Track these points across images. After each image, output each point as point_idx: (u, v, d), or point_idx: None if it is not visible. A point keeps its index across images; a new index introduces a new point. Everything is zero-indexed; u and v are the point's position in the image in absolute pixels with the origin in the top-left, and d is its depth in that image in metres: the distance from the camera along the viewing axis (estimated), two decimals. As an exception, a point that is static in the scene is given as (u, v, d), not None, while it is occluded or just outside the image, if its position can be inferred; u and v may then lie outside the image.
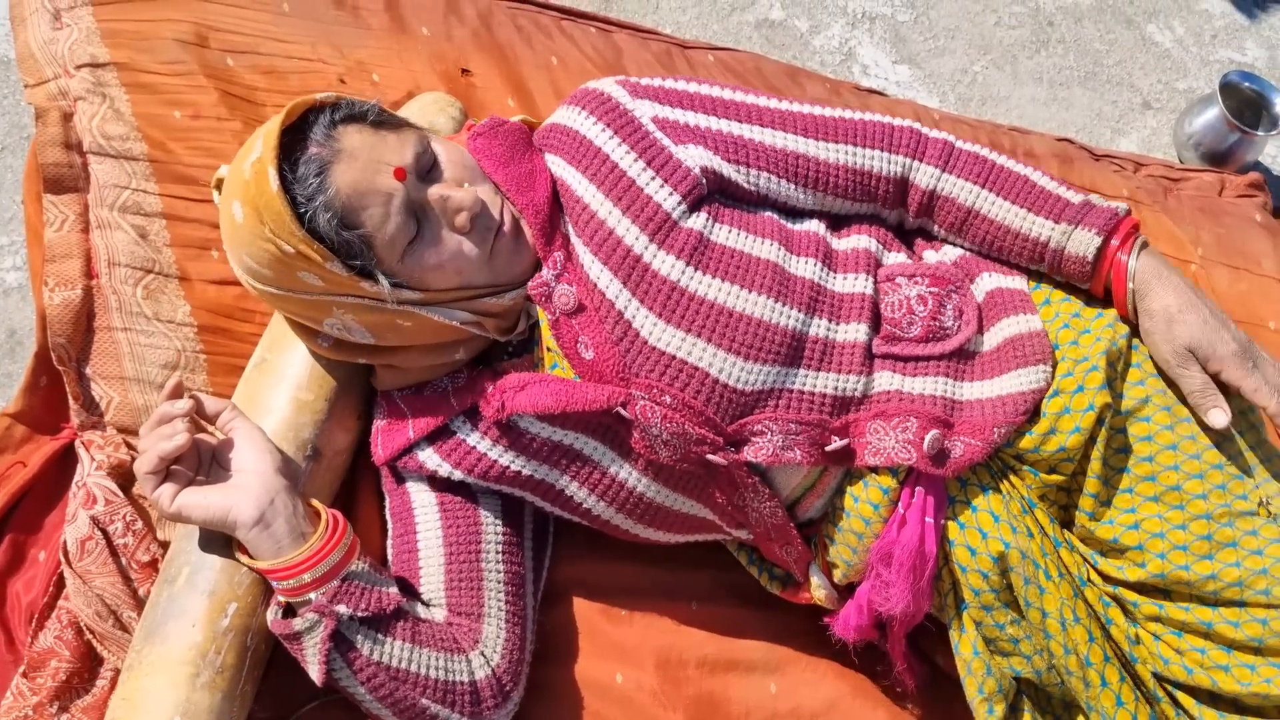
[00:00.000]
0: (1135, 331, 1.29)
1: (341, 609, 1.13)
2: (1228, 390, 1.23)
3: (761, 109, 1.30)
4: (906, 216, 1.36)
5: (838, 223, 1.35)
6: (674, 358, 1.20)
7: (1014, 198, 1.29)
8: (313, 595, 1.13)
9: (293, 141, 1.11)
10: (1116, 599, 1.28)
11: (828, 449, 1.23)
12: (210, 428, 1.22)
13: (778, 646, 1.46)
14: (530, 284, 1.22)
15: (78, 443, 1.34)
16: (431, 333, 1.21)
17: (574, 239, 1.24)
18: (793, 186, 1.30)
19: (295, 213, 1.08)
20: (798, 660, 1.45)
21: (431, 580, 1.27)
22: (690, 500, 1.30)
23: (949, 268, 1.31)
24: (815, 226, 1.31)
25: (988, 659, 1.27)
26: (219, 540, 1.19)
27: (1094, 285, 1.29)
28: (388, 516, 1.33)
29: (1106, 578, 1.29)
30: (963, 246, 1.36)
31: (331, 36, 1.60)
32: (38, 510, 1.35)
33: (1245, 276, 1.82)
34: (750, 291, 1.21)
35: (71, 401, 1.34)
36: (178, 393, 1.17)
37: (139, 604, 1.27)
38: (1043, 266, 1.31)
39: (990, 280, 1.33)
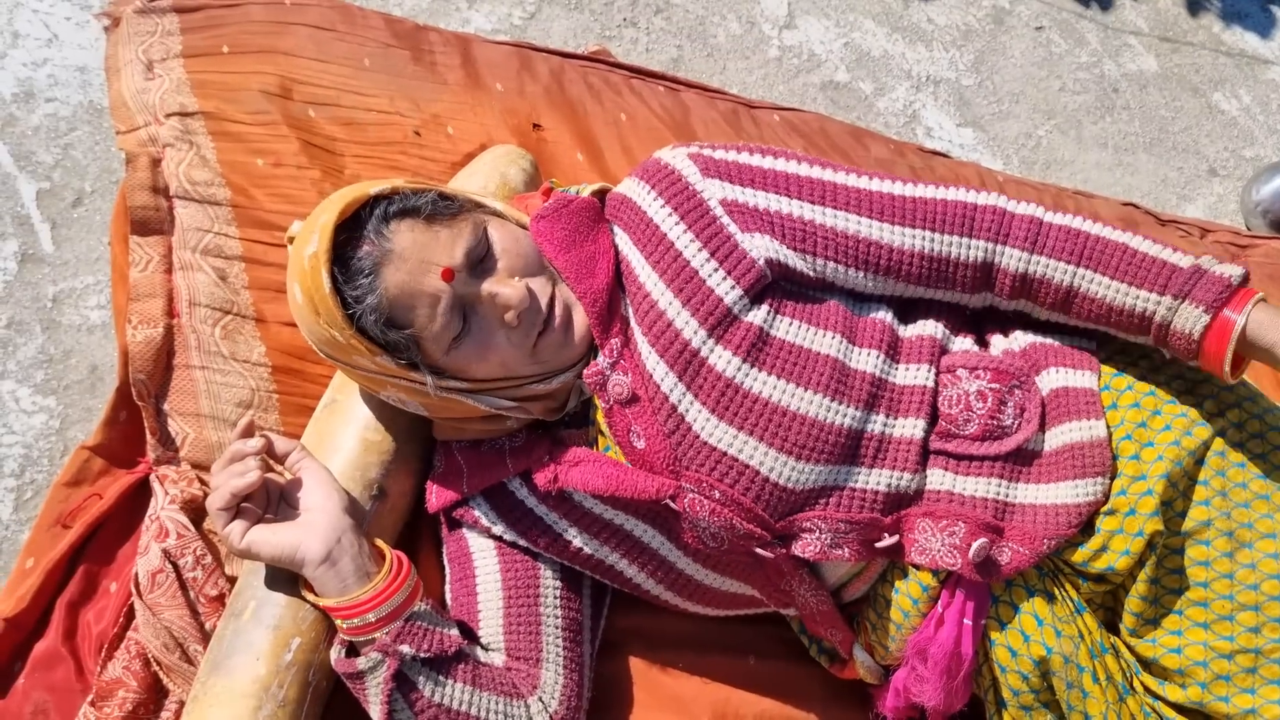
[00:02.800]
0: (1208, 426, 1.21)
1: (405, 649, 1.14)
2: None
3: (835, 187, 1.23)
4: (998, 301, 1.28)
5: (908, 306, 1.29)
6: (725, 454, 1.18)
7: (1114, 272, 1.19)
8: (376, 635, 1.15)
9: (348, 236, 1.11)
10: (1157, 712, 1.25)
11: (878, 545, 1.22)
12: (279, 467, 1.24)
13: (836, 706, 1.44)
14: (586, 372, 1.21)
15: (153, 477, 1.37)
16: (480, 411, 1.22)
17: (633, 324, 1.22)
18: (861, 274, 1.23)
19: (346, 313, 1.11)
20: (857, 717, 1.43)
21: (490, 624, 1.27)
22: (738, 582, 1.31)
23: (1014, 359, 1.26)
24: (883, 314, 1.26)
25: None
26: (285, 578, 1.21)
27: (1203, 362, 1.18)
28: (445, 561, 1.34)
29: (1148, 689, 1.26)
30: (1061, 322, 1.28)
31: (409, 91, 1.64)
32: (112, 542, 1.38)
33: (1316, 345, 1.79)
34: (806, 390, 1.18)
35: (149, 436, 1.37)
36: (249, 432, 1.20)
37: (205, 638, 1.29)
38: (1148, 340, 1.22)
39: (1058, 376, 1.27)
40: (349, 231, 1.11)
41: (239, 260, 1.46)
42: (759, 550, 1.21)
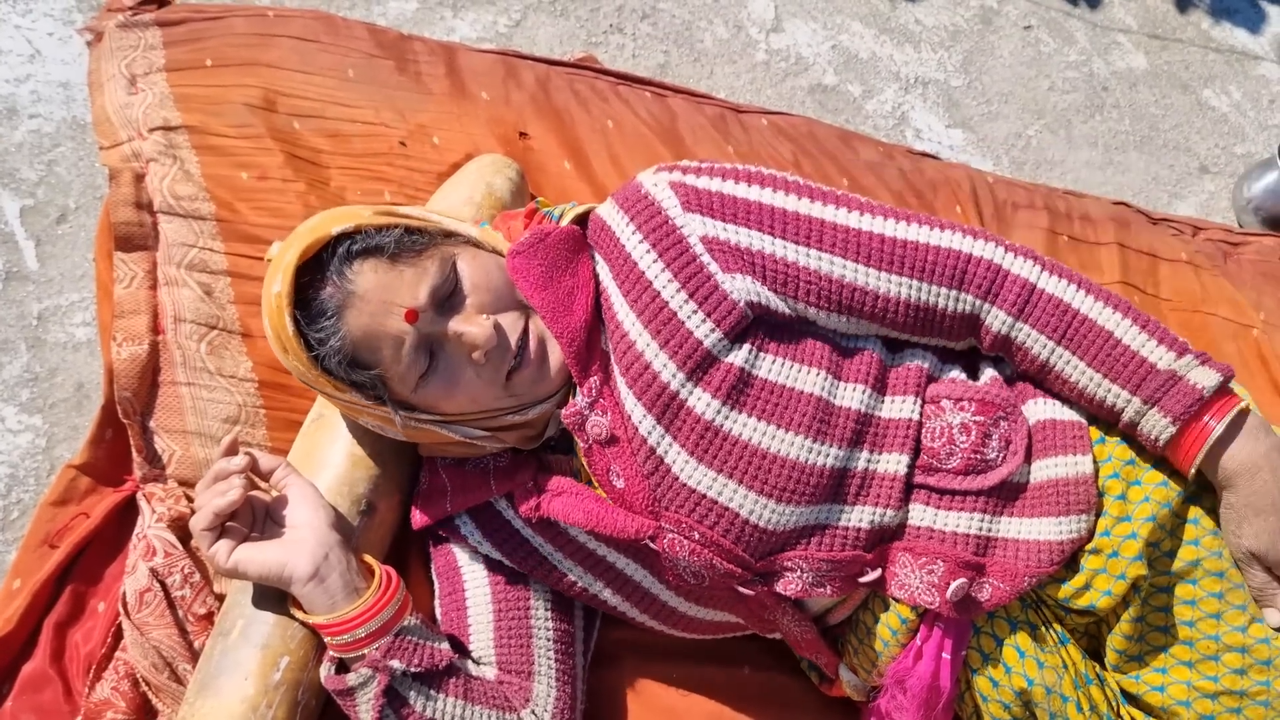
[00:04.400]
0: (1199, 485, 1.21)
1: (395, 664, 1.14)
2: None
3: (823, 226, 1.18)
4: (979, 347, 1.26)
5: (895, 342, 1.27)
6: (704, 496, 1.16)
7: (1091, 359, 1.17)
8: (366, 651, 1.14)
9: (311, 277, 1.10)
10: None
11: (861, 580, 1.21)
12: (264, 485, 1.24)
13: (830, 716, 1.43)
14: (564, 412, 1.19)
15: (139, 495, 1.36)
16: (455, 439, 1.21)
17: (613, 361, 1.19)
18: (844, 319, 1.20)
19: (309, 354, 1.10)
20: (851, 727, 1.43)
21: (481, 638, 1.27)
22: (722, 613, 1.30)
23: (1000, 390, 1.23)
24: (870, 346, 1.22)
25: None
26: (273, 596, 1.20)
27: (1171, 458, 1.19)
28: (434, 575, 1.33)
29: None
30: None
31: (394, 101, 1.63)
32: (99, 561, 1.37)
33: (1309, 342, 1.79)
34: (788, 432, 1.15)
35: (135, 454, 1.37)
36: (233, 450, 1.19)
37: (194, 656, 1.28)
38: (1117, 430, 1.22)
39: (1045, 408, 1.25)
40: (312, 273, 1.10)
41: (224, 275, 1.45)
42: (740, 588, 1.21)
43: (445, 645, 1.19)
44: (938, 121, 2.15)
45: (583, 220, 1.28)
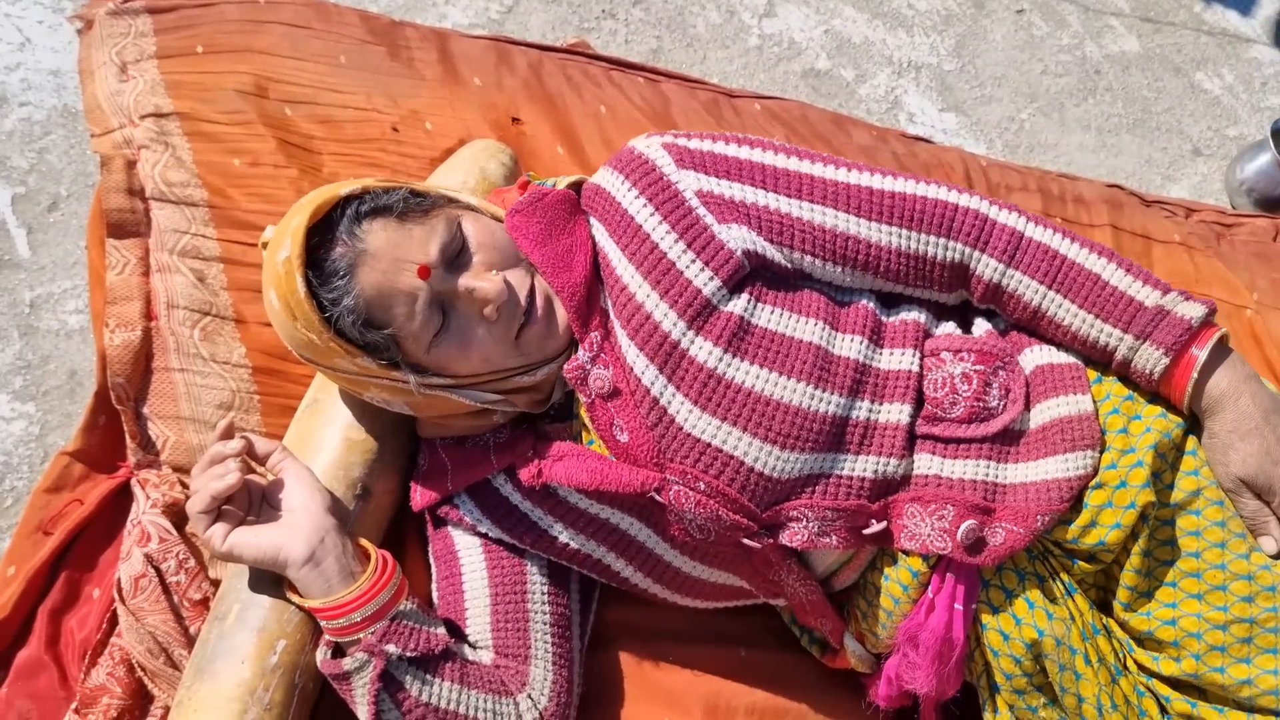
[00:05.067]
0: (1194, 419, 1.24)
1: (391, 648, 1.14)
2: None
3: (813, 180, 1.22)
4: (970, 299, 1.29)
5: (890, 296, 1.29)
6: (709, 445, 1.17)
7: (1082, 301, 1.21)
8: (362, 635, 1.14)
9: (321, 239, 1.10)
10: (1151, 690, 1.25)
11: (866, 532, 1.21)
12: (260, 469, 1.23)
13: (827, 696, 1.43)
14: (566, 367, 1.20)
15: (133, 481, 1.36)
16: (465, 406, 1.21)
17: (613, 317, 1.21)
18: (838, 269, 1.23)
19: (322, 316, 1.10)
20: (847, 710, 1.42)
21: (477, 622, 1.27)
22: (726, 573, 1.30)
23: (997, 341, 1.26)
24: (865, 300, 1.25)
25: None
26: (269, 580, 1.20)
27: (1164, 392, 1.23)
28: (431, 559, 1.33)
29: (1142, 667, 1.26)
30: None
31: (386, 87, 1.63)
32: (94, 547, 1.37)
33: (1302, 322, 1.79)
34: (789, 378, 1.17)
35: (129, 440, 1.36)
36: (229, 434, 1.19)
37: (190, 642, 1.28)
38: (1110, 369, 1.26)
39: (1041, 354, 1.27)
40: (321, 234, 1.10)
41: (217, 261, 1.44)
42: (746, 541, 1.21)
43: (442, 630, 1.19)
44: (931, 105, 2.15)
45: (577, 189, 1.30)
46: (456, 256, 1.14)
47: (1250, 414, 1.18)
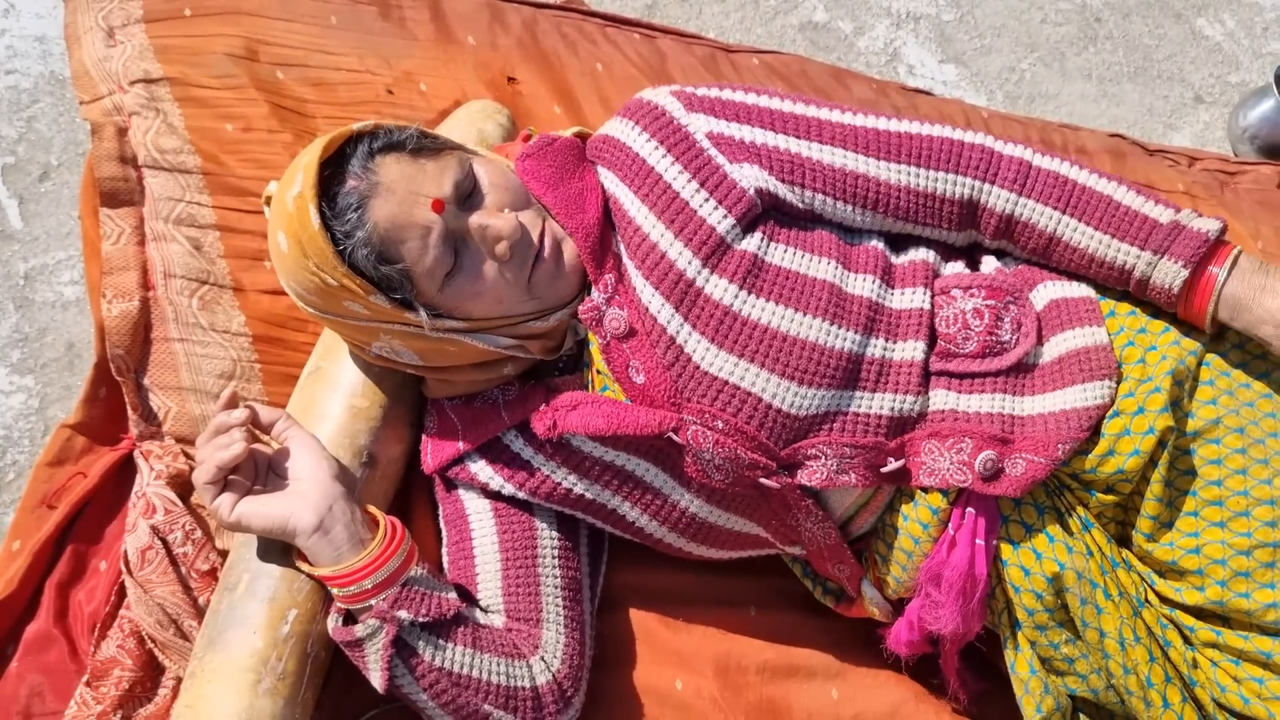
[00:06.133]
0: (1209, 346, 1.25)
1: (403, 614, 1.13)
2: None
3: (821, 123, 1.25)
4: (981, 238, 1.30)
5: (900, 236, 1.30)
6: (726, 382, 1.18)
7: (1097, 223, 1.23)
8: (373, 601, 1.13)
9: (332, 174, 1.11)
10: (1174, 621, 1.26)
11: (883, 470, 1.22)
12: (265, 438, 1.22)
13: (839, 652, 1.44)
14: (581, 308, 1.21)
15: (136, 453, 1.35)
16: (477, 354, 1.21)
17: (625, 260, 1.22)
18: (849, 208, 1.25)
19: (336, 249, 1.09)
20: (859, 666, 1.43)
21: (489, 587, 1.26)
22: (743, 519, 1.29)
23: (1007, 277, 1.27)
24: (875, 242, 1.27)
25: (1045, 678, 1.25)
26: (278, 549, 1.20)
27: (1182, 312, 1.24)
28: (441, 524, 1.33)
29: (1164, 599, 1.26)
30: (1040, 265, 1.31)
31: (379, 48, 1.61)
32: (99, 520, 1.36)
33: (1307, 269, 1.78)
34: (805, 314, 1.19)
35: (130, 412, 1.35)
36: (233, 403, 1.18)
37: (199, 612, 1.28)
38: (1128, 289, 1.26)
39: (1053, 289, 1.28)
40: (334, 169, 1.11)
41: (213, 229, 1.43)
42: (764, 481, 1.21)
43: (453, 595, 1.19)
44: (930, 57, 2.13)
45: (580, 139, 1.32)
46: (469, 196, 1.15)
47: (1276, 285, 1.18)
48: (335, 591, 1.15)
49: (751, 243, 1.20)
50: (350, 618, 1.16)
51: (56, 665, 1.29)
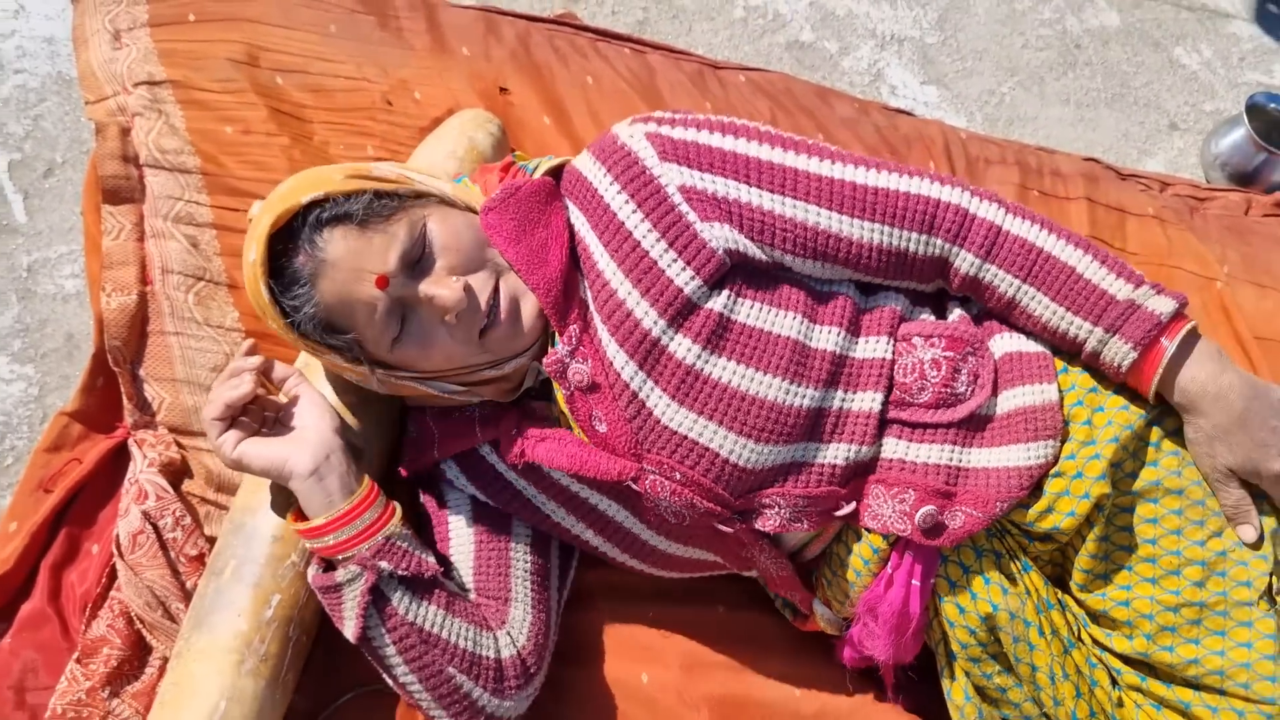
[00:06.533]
0: (1157, 409, 1.26)
1: (383, 565, 1.18)
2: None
3: (797, 174, 1.22)
4: (949, 288, 1.30)
5: (869, 284, 1.30)
6: (685, 437, 1.20)
7: (1055, 294, 1.23)
8: (355, 550, 1.17)
9: (284, 245, 1.13)
10: (1103, 662, 1.30)
11: (836, 514, 1.25)
12: (276, 390, 1.26)
13: (804, 652, 1.48)
14: (545, 361, 1.21)
15: (131, 441, 1.40)
16: (432, 397, 1.25)
17: (592, 309, 1.22)
18: (820, 264, 1.24)
19: (285, 320, 1.14)
20: (823, 664, 1.47)
21: (461, 567, 1.31)
22: (700, 550, 1.34)
23: (968, 327, 1.28)
24: (844, 289, 1.26)
25: (979, 705, 1.30)
26: (280, 502, 1.24)
27: (1130, 380, 1.25)
28: (422, 512, 1.36)
29: (1095, 640, 1.30)
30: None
31: (376, 56, 1.65)
32: (92, 505, 1.41)
33: (1271, 294, 1.82)
34: (766, 374, 1.19)
35: (125, 401, 1.40)
36: (253, 351, 1.22)
37: (186, 596, 1.32)
38: (1080, 360, 1.27)
39: (1010, 341, 1.29)
40: (285, 241, 1.13)
41: (210, 227, 1.47)
42: (720, 526, 1.25)
43: (433, 559, 1.23)
44: (913, 78, 2.18)
45: (557, 172, 1.31)
46: (418, 260, 1.15)
47: (1232, 405, 1.20)
48: (320, 541, 1.18)
49: (718, 301, 1.19)
50: (330, 568, 1.20)
51: (49, 642, 1.33)
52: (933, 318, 1.31)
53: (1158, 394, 1.23)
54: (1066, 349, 1.27)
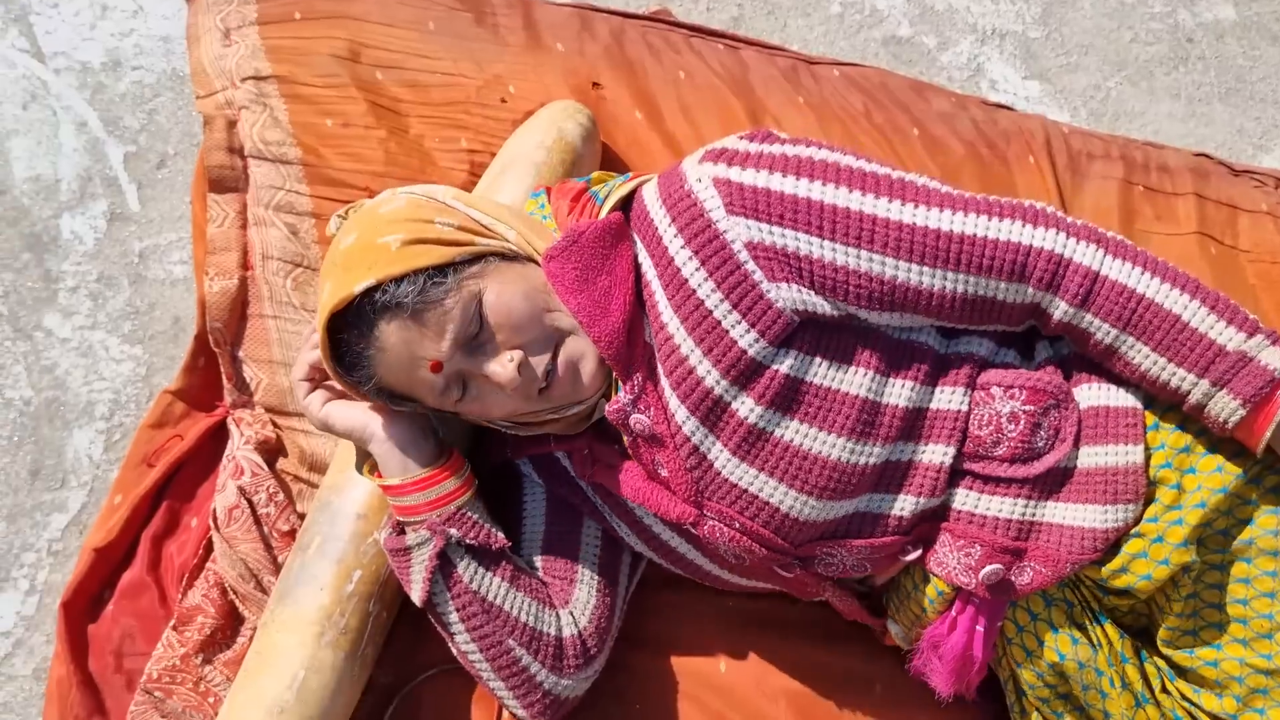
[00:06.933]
0: (1259, 467, 1.19)
1: (452, 531, 1.21)
2: None
3: (874, 224, 1.13)
4: (1040, 330, 1.22)
5: (952, 329, 1.23)
6: (745, 490, 1.19)
7: (1157, 344, 1.14)
8: (427, 516, 1.20)
9: (344, 328, 1.13)
10: (1191, 716, 1.25)
11: (901, 558, 1.24)
12: None
13: (881, 649, 1.46)
14: (608, 409, 1.20)
15: (229, 419, 1.46)
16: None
17: (656, 359, 1.19)
18: (897, 316, 1.17)
19: (357, 388, 1.17)
20: (900, 663, 1.45)
21: (530, 546, 1.33)
22: (762, 582, 1.34)
23: (1053, 377, 1.21)
24: (924, 337, 1.20)
25: None
26: (361, 464, 1.28)
27: (1238, 438, 1.16)
28: (500, 488, 1.38)
29: (1183, 696, 1.25)
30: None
31: (472, 53, 1.68)
32: (192, 480, 1.47)
33: (1391, 296, 1.74)
34: (830, 434, 1.16)
35: (225, 381, 1.46)
36: None
37: (278, 569, 1.37)
38: (1183, 409, 1.18)
39: (1098, 392, 1.22)
40: (344, 323, 1.13)
41: (309, 216, 1.52)
42: (780, 571, 1.26)
43: (502, 535, 1.25)
44: (1014, 73, 2.13)
45: (625, 206, 1.26)
46: (475, 336, 1.14)
47: None
48: (394, 501, 1.22)
49: (785, 363, 1.15)
50: (402, 532, 1.23)
51: (147, 610, 1.40)
52: (1018, 359, 1.25)
53: (1267, 449, 1.15)
54: (1168, 399, 1.19)
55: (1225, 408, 1.13)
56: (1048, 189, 1.76)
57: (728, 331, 1.14)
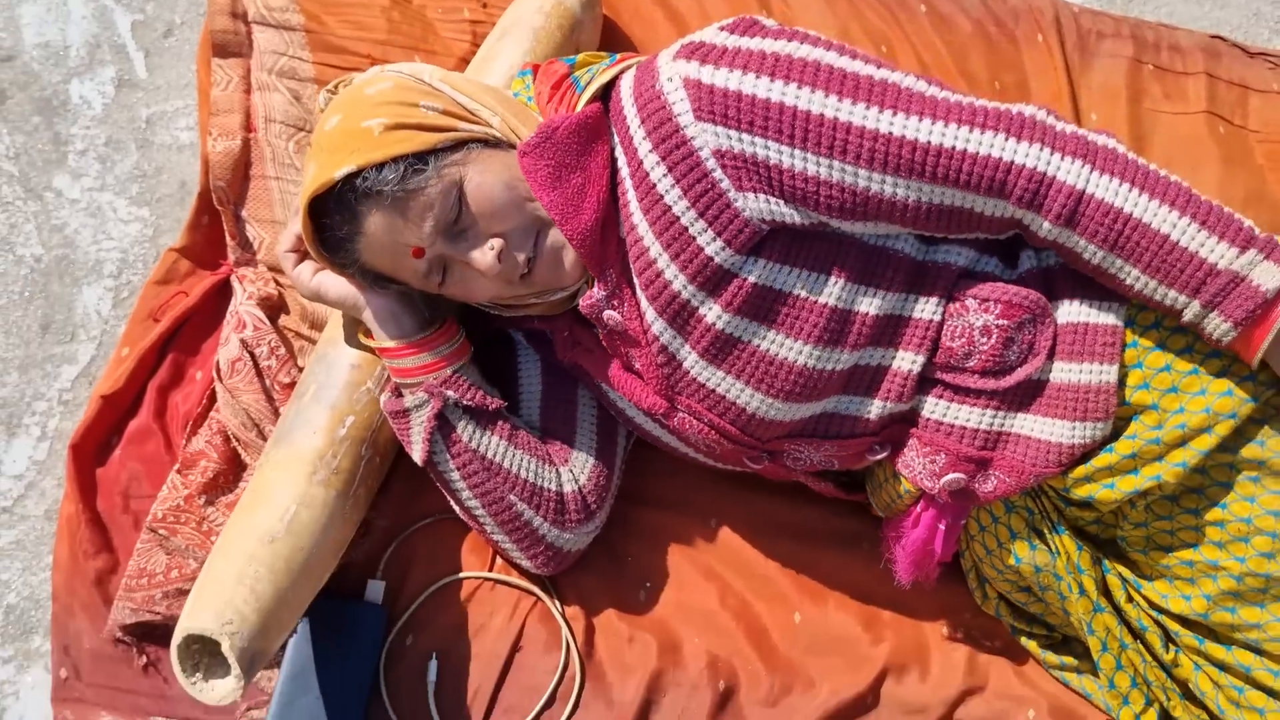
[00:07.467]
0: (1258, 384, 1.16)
1: (449, 393, 1.24)
2: None
3: (849, 132, 1.08)
4: (1026, 241, 1.19)
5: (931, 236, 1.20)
6: (713, 390, 1.21)
7: (1146, 265, 1.10)
8: (424, 378, 1.24)
9: (325, 213, 1.14)
10: (1159, 623, 1.27)
11: (868, 456, 1.26)
12: None
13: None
14: (581, 303, 1.21)
15: (233, 277, 1.49)
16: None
17: (630, 255, 1.19)
18: (872, 225, 1.15)
19: (341, 267, 1.20)
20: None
21: (528, 407, 1.37)
22: (736, 467, 1.35)
23: (1030, 292, 1.18)
24: (900, 244, 1.18)
25: (1010, 621, 1.35)
26: (353, 334, 1.31)
27: (1233, 349, 1.13)
28: (495, 354, 1.40)
29: (1151, 603, 1.27)
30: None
31: (475, -81, 1.68)
32: (197, 335, 1.50)
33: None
34: (799, 341, 1.16)
35: (229, 240, 1.49)
36: None
37: (277, 418, 1.40)
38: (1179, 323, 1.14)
39: (1079, 309, 1.20)
40: (325, 208, 1.14)
41: (312, 82, 1.54)
42: (749, 463, 1.28)
43: (498, 397, 1.29)
44: (1031, -46, 2.09)
45: (604, 95, 1.22)
46: (455, 222, 1.14)
47: None
48: (391, 363, 1.25)
49: (753, 271, 1.14)
50: (401, 396, 1.27)
51: (153, 455, 1.45)
52: (1000, 268, 1.23)
53: (1262, 365, 1.14)
54: (1164, 313, 1.16)
55: (1218, 328, 1.10)
56: (1055, 68, 1.74)
57: (695, 239, 1.13)
